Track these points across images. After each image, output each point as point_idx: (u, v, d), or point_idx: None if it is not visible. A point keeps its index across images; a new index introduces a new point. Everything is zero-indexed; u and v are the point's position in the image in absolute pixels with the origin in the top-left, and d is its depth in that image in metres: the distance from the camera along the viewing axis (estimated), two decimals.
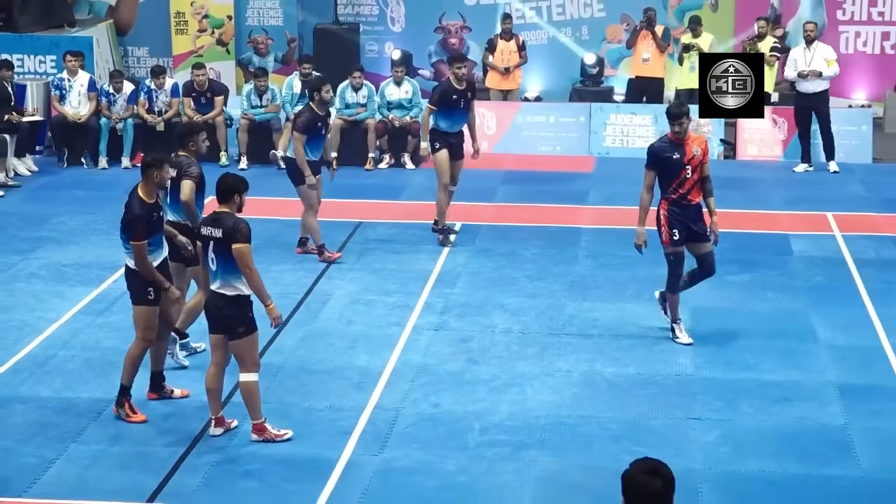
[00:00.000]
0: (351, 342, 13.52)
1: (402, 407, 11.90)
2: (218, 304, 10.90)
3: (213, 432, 11.27)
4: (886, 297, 14.87)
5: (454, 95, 16.48)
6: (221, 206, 10.99)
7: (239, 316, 10.87)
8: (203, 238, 10.98)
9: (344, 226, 17.51)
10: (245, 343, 10.92)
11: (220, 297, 10.88)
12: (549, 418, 11.65)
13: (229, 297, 10.85)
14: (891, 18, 24.77)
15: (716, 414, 11.77)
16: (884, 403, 12.01)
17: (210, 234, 10.86)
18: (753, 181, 20.68)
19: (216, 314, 10.96)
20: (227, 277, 10.82)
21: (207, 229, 10.91)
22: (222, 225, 10.80)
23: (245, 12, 25.35)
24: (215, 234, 10.81)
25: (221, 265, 10.82)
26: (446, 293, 15.03)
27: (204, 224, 11.04)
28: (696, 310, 14.44)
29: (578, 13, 25.51)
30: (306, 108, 16.09)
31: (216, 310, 10.94)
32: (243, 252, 10.70)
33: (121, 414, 11.58)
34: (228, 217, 10.86)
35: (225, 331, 10.95)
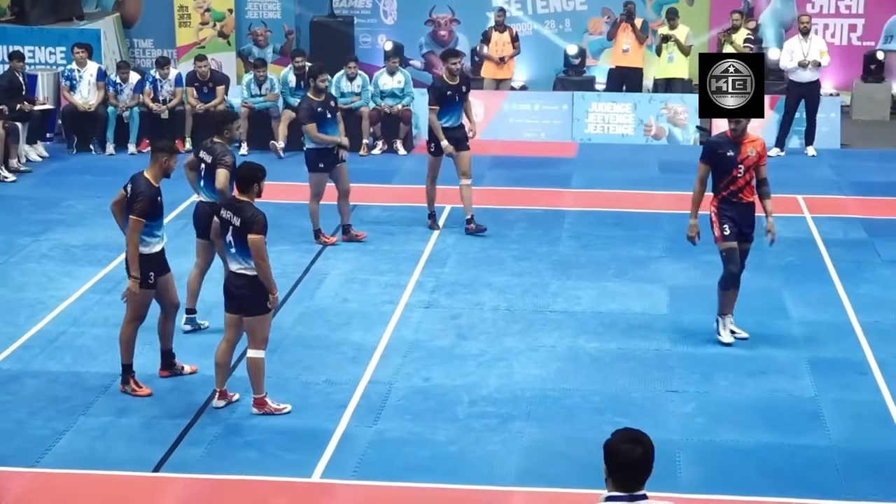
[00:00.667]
0: (346, 319, 13.49)
1: (394, 381, 11.88)
2: (238, 283, 10.89)
3: (216, 404, 11.26)
4: (854, 276, 14.86)
5: (448, 91, 16.21)
6: (241, 195, 10.94)
7: (258, 295, 10.85)
8: (222, 221, 10.97)
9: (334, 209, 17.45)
10: (260, 320, 10.92)
11: (240, 276, 10.87)
12: (535, 391, 11.63)
13: (250, 276, 10.83)
14: (857, 11, 24.73)
15: (692, 387, 11.76)
16: (852, 376, 12.01)
17: (230, 220, 10.85)
18: None
19: (235, 293, 10.94)
20: (247, 260, 10.79)
21: (228, 214, 10.91)
22: (241, 214, 10.79)
23: (245, 6, 25.24)
24: (234, 221, 10.80)
25: (239, 249, 10.81)
26: (437, 272, 15.00)
27: (225, 207, 11.03)
28: (673, 288, 14.42)
29: (561, 7, 25.42)
30: (304, 99, 16.07)
31: (235, 289, 10.92)
32: (258, 244, 10.70)
33: (126, 390, 11.54)
34: (248, 207, 10.85)
35: (242, 309, 10.93)
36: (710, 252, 15.56)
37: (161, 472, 10.18)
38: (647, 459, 5.76)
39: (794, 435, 10.79)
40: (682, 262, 15.40)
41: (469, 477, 10.10)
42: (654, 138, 22.18)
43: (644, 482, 5.77)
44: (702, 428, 10.93)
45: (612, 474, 5.78)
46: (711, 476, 10.13)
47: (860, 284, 14.59)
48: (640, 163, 20.64)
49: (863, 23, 24.72)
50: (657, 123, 22.19)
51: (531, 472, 10.17)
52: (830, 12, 24.74)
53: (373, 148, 21.40)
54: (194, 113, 21.38)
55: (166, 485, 10.02)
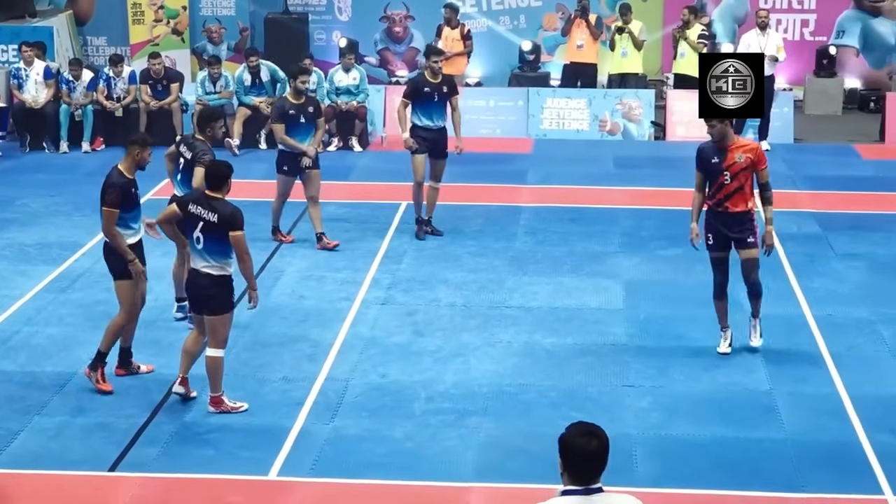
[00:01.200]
0: (303, 316, 13.47)
1: (351, 377, 11.87)
2: (201, 282, 10.86)
3: (175, 389, 11.26)
4: (808, 270, 14.95)
5: (426, 88, 15.85)
6: (213, 192, 10.90)
7: (222, 294, 10.87)
8: (191, 216, 10.88)
9: (295, 206, 17.40)
10: (221, 320, 10.92)
11: (205, 276, 10.83)
12: (492, 387, 11.65)
13: (215, 276, 10.81)
14: (809, 7, 24.87)
15: (648, 381, 11.80)
16: (806, 370, 12.08)
17: (201, 215, 10.78)
18: (682, 160, 20.65)
19: (197, 293, 10.94)
20: (216, 258, 10.78)
21: (198, 209, 10.83)
22: (219, 211, 10.75)
23: (199, 3, 25.13)
24: (209, 217, 10.74)
25: (209, 246, 10.77)
26: (393, 269, 14.99)
27: (194, 203, 10.93)
28: (629, 283, 14.47)
29: (516, 3, 25.44)
30: (280, 98, 15.92)
31: (199, 289, 10.90)
32: (241, 240, 10.73)
33: (91, 377, 11.50)
34: (225, 204, 10.83)
35: (205, 307, 10.92)
36: (665, 247, 15.70)
37: (117, 471, 10.14)
38: (603, 453, 5.78)
39: (749, 428, 10.85)
40: (637, 257, 15.45)
41: (426, 473, 10.10)
42: (609, 134, 22.23)
43: (600, 475, 5.78)
44: (658, 422, 10.97)
45: (568, 468, 5.79)
46: (667, 470, 10.17)
47: (814, 278, 14.68)
48: (596, 158, 20.69)
49: (815, 18, 24.86)
50: (612, 119, 22.24)
51: (488, 467, 10.18)
52: (783, 7, 24.86)
53: (328, 145, 21.35)
54: (148, 110, 21.27)
55: (122, 484, 9.98)
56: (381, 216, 16.93)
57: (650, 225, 16.83)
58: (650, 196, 18.34)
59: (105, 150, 21.12)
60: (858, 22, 24.97)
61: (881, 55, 25.10)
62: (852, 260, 15.38)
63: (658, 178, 19.36)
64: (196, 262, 10.91)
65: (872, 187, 19.01)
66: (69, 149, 21.11)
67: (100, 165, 19.91)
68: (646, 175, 19.59)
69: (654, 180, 19.28)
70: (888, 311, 13.61)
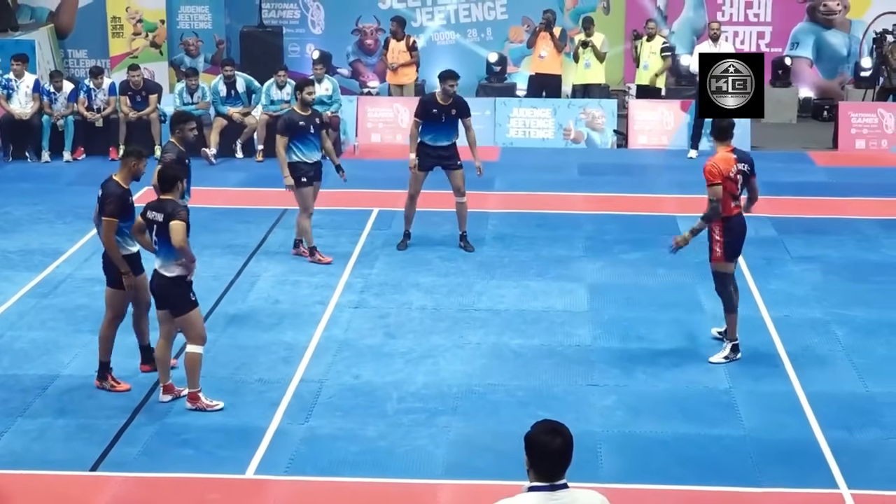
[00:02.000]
0: (278, 319, 13.43)
1: (325, 379, 11.84)
2: (161, 282, 10.88)
3: (161, 399, 11.25)
4: (765, 272, 14.98)
5: (434, 109, 15.61)
6: (165, 195, 10.88)
7: (179, 294, 10.86)
8: (147, 221, 10.92)
9: (270, 213, 17.38)
10: (187, 319, 10.92)
11: (161, 276, 10.86)
12: (461, 387, 11.64)
13: (169, 277, 10.81)
14: (765, 19, 24.96)
15: (612, 380, 11.80)
16: (764, 369, 12.10)
17: (153, 219, 10.82)
18: (644, 168, 20.76)
19: (160, 292, 10.95)
20: (168, 258, 10.79)
21: (151, 213, 10.87)
22: (163, 210, 10.76)
23: (177, 17, 25.06)
24: (157, 217, 10.77)
25: (163, 247, 10.80)
26: (365, 273, 14.96)
27: (149, 208, 10.95)
28: (593, 286, 14.47)
29: (483, 16, 25.46)
30: (289, 110, 15.46)
31: (159, 288, 10.93)
32: (179, 229, 10.65)
33: (105, 386, 11.50)
34: (170, 202, 10.83)
35: (169, 307, 10.95)
36: (627, 251, 15.72)
37: (98, 471, 10.09)
38: (567, 450, 5.77)
39: (709, 425, 10.86)
40: (600, 260, 15.46)
41: (398, 471, 10.08)
42: (574, 142, 22.25)
43: (564, 472, 5.78)
44: (621, 420, 10.98)
45: (534, 465, 5.79)
46: (631, 466, 10.18)
47: (770, 280, 14.72)
48: (560, 166, 20.70)
49: (770, 30, 24.95)
50: (576, 128, 22.26)
51: (458, 465, 10.17)
52: (740, 20, 24.95)
53: None
54: (128, 121, 21.17)
55: (103, 483, 9.92)
56: (354, 222, 16.90)
57: (613, 230, 16.84)
58: (613, 202, 18.36)
59: (86, 160, 21.01)
60: (812, 34, 25.09)
61: (834, 66, 25.22)
62: (807, 263, 15.42)
63: (621, 185, 19.39)
64: (156, 263, 10.92)
65: (826, 193, 19.08)
66: (51, 158, 21.00)
67: (81, 174, 19.86)
68: (609, 182, 19.61)
69: (616, 187, 19.30)
70: (842, 312, 13.66)
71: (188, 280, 10.89)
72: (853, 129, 22.07)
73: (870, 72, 24.08)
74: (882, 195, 18.79)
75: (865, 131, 22.05)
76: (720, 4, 24.93)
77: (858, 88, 24.20)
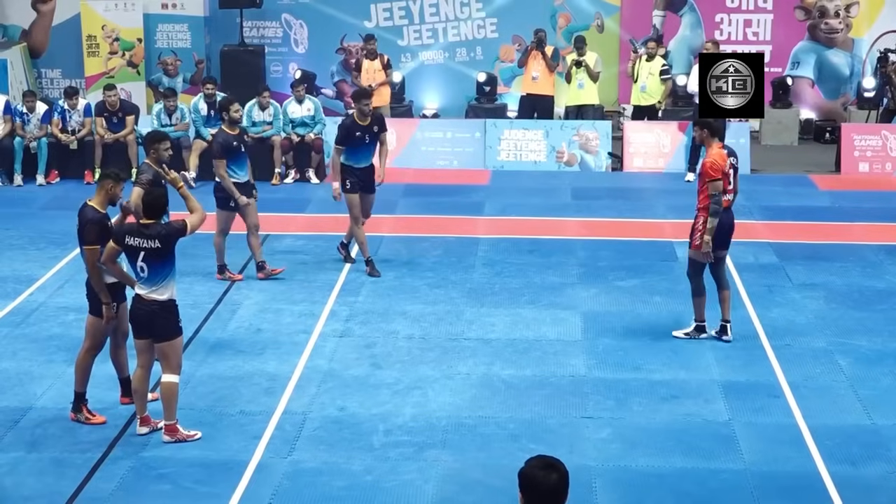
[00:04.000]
0: (260, 349, 13.41)
1: (309, 411, 11.82)
2: (149, 308, 10.87)
3: (139, 431, 11.24)
4: (765, 300, 15.00)
5: (357, 132, 15.81)
6: (149, 220, 10.94)
7: (169, 319, 10.92)
8: (130, 249, 10.89)
9: None
10: (173, 345, 10.96)
11: (151, 302, 10.85)
12: (450, 419, 11.62)
13: (161, 301, 10.84)
14: (765, 38, 25.06)
15: (607, 412, 11.80)
16: (764, 400, 12.10)
17: (140, 245, 10.80)
18: (640, 191, 20.80)
19: (144, 319, 10.93)
20: (160, 282, 10.83)
21: (136, 240, 10.83)
22: (157, 233, 10.80)
23: (154, 35, 25.12)
24: (146, 244, 10.77)
25: (154, 272, 10.82)
26: (350, 301, 14.96)
27: (130, 235, 10.90)
28: (587, 314, 14.48)
29: (472, 34, 25.54)
30: (219, 132, 15.82)
31: (145, 315, 10.90)
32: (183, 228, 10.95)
33: (79, 418, 11.47)
34: (157, 225, 10.90)
35: (153, 334, 10.95)
36: (623, 278, 15.74)
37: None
38: (563, 486, 5.76)
39: (708, 459, 10.86)
40: (595, 287, 15.47)
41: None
42: (566, 165, 22.29)
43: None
44: (617, 453, 10.97)
45: (529, 502, 5.78)
46: (628, 502, 10.17)
47: (771, 308, 14.74)
48: (553, 189, 20.74)
49: (770, 49, 25.04)
50: (569, 150, 22.31)
51: (447, 500, 10.15)
52: (739, 39, 25.05)
53: (285, 177, 21.33)
54: (103, 143, 21.17)
55: None
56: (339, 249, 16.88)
57: (608, 256, 16.86)
58: (608, 227, 18.39)
59: (60, 183, 21.02)
60: (813, 53, 25.20)
61: (836, 86, 25.34)
62: (809, 290, 15.45)
63: (615, 209, 19.42)
64: (141, 289, 10.89)
65: (829, 217, 19.14)
66: (23, 181, 21.00)
67: (54, 198, 19.85)
68: (603, 206, 19.64)
69: (611, 211, 19.34)
70: (845, 341, 13.68)
71: (176, 304, 10.97)
72: (856, 152, 22.15)
73: (873, 92, 24.19)
74: (886, 220, 18.85)
75: (869, 154, 22.12)
76: (718, 23, 25.03)
77: (862, 109, 24.32)
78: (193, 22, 25.06)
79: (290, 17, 25.59)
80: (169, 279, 10.87)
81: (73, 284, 15.21)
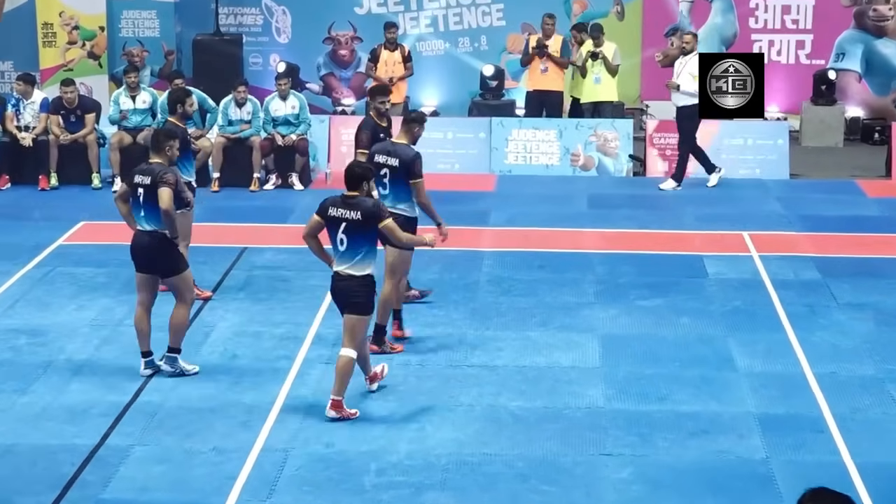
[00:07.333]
0: (236, 378, 13.37)
1: (291, 447, 11.77)
2: (346, 284, 12.25)
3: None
4: (807, 321, 14.96)
5: (381, 134, 15.36)
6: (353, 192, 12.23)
7: (366, 295, 12.28)
8: (332, 220, 12.22)
9: (227, 252, 17.34)
10: (362, 321, 12.36)
11: (348, 277, 12.22)
12: (451, 456, 11.58)
13: (358, 276, 12.17)
14: (805, 26, 25.05)
15: (629, 449, 11.75)
16: (806, 435, 12.05)
17: (342, 216, 12.15)
18: (664, 199, 20.78)
19: (342, 295, 12.35)
20: (357, 258, 12.16)
21: (339, 211, 12.18)
22: (360, 205, 12.14)
23: (119, 23, 25.14)
24: (352, 216, 12.11)
25: (353, 245, 12.14)
26: (338, 324, 14.84)
27: (333, 206, 12.22)
28: (606, 337, 14.44)
29: (476, 22, 25.56)
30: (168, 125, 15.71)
31: (342, 291, 12.32)
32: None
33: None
34: (367, 199, 12.29)
35: (347, 307, 12.36)
36: (646, 297, 15.71)
37: None
38: None
39: (743, 502, 10.82)
40: (614, 308, 15.44)
41: None
42: (583, 169, 22.29)
43: None
44: (640, 496, 10.93)
45: None
46: None
47: (814, 331, 14.70)
48: (567, 197, 20.73)
49: (811, 39, 25.07)
50: (585, 153, 22.31)
51: None
52: (776, 27, 25.06)
53: (265, 183, 21.32)
54: (59, 144, 21.09)
55: None
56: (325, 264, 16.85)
57: (629, 272, 16.83)
58: (629, 239, 18.37)
59: (11, 189, 21.03)
60: (860, 43, 25.19)
61: (886, 80, 25.34)
62: (857, 310, 15.41)
63: (637, 219, 19.40)
64: (338, 265, 12.28)
65: (878, 228, 19.12)
66: None
67: (5, 206, 19.83)
68: (624, 216, 19.62)
69: (632, 221, 19.31)
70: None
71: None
72: None
73: None
74: None
75: None
76: (753, 9, 25.05)
77: None
78: (162, 8, 25.09)
79: (271, 3, 25.63)
80: (368, 256, 12.17)
81: (25, 304, 15.19)
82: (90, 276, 16.36)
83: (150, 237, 13.03)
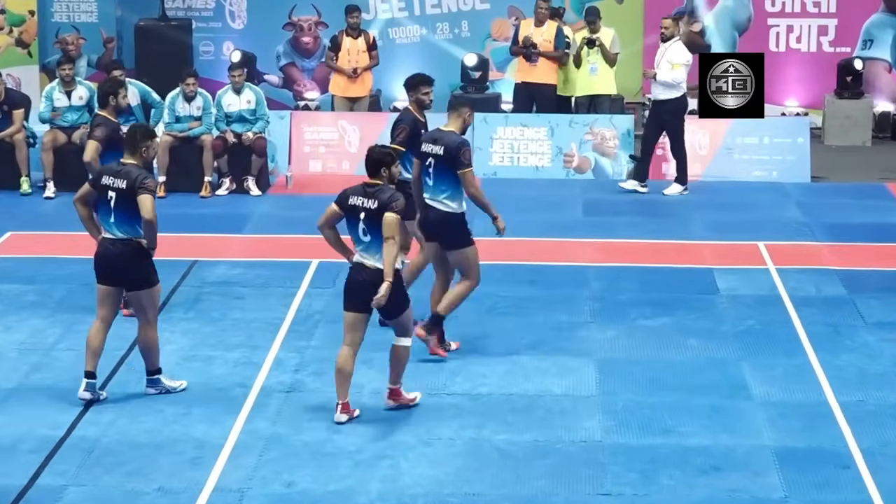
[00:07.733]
0: (184, 409, 13.36)
1: (247, 487, 11.77)
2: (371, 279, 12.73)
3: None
4: (831, 343, 14.99)
5: (422, 130, 15.12)
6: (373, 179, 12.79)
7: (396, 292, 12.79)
8: (352, 209, 12.74)
9: (175, 265, 17.32)
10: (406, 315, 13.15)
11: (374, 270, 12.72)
12: (429, 497, 11.59)
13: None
14: (829, 10, 25.11)
15: (630, 488, 11.77)
16: (830, 471, 12.08)
17: (362, 206, 12.68)
18: (670, 205, 20.82)
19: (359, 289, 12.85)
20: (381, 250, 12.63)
21: (359, 200, 12.71)
22: (377, 194, 12.65)
23: (51, 7, 25.16)
24: (371, 205, 12.62)
25: (377, 236, 12.57)
26: (301, 346, 14.93)
27: (354, 195, 12.77)
28: (603, 362, 14.46)
29: (457, 6, 25.60)
30: (100, 119, 15.67)
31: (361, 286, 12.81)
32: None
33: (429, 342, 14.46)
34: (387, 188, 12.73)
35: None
36: (648, 316, 15.73)
37: None
38: None
39: None
40: (613, 328, 15.46)
41: None
42: (577, 171, 22.33)
43: None
44: None
45: None
46: None
47: (839, 354, 14.73)
48: (560, 203, 20.76)
49: (836, 24, 25.13)
50: (580, 153, 22.34)
51: None
52: (796, 11, 25.13)
53: (217, 187, 21.31)
54: None
55: None
56: (286, 278, 16.88)
57: (630, 288, 16.86)
58: (630, 251, 18.39)
59: None
60: (891, 29, 25.27)
61: None
62: (887, 331, 15.45)
63: (639, 228, 19.43)
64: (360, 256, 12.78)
65: None
66: None
67: None
68: (623, 224, 19.66)
69: (633, 230, 19.34)
70: None
71: None
72: None
73: None
74: None
75: None
76: None
77: None
78: None
79: None
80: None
81: None
82: (17, 293, 16.32)
83: (124, 246, 13.12)
